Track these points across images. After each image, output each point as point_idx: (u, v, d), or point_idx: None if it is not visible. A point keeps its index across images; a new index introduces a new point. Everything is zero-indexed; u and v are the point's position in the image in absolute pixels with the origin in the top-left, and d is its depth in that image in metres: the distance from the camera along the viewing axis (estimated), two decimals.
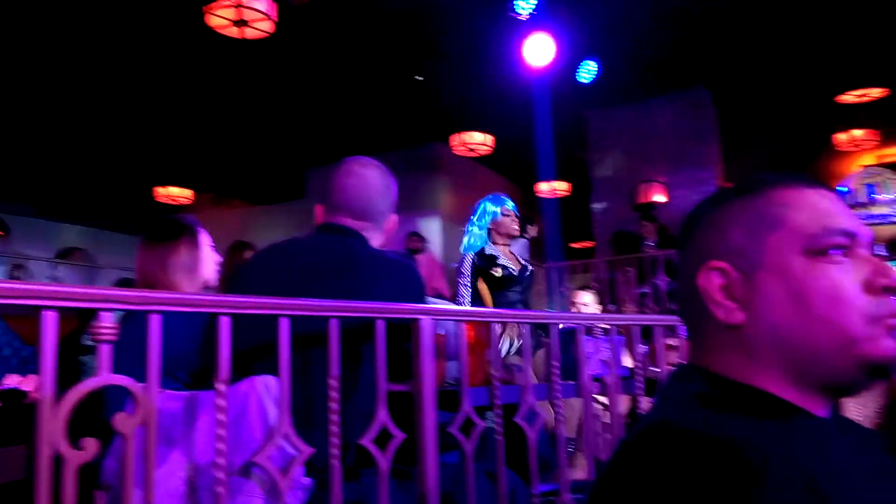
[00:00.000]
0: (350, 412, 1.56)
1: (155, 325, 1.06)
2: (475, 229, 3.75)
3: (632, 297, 6.30)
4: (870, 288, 0.66)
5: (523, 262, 3.77)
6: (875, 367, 0.65)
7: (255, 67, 6.18)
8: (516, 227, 3.76)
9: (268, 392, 1.29)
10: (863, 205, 4.87)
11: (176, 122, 7.38)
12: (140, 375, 1.04)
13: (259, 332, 1.40)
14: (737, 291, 0.68)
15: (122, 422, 1.00)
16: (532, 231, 7.41)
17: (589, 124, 7.86)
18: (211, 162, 8.69)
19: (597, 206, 7.67)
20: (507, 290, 3.65)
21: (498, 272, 3.65)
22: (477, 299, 3.65)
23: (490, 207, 3.75)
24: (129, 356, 1.15)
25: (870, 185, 4.86)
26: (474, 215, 3.78)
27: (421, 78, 6.63)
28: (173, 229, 1.95)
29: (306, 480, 1.30)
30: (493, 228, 3.71)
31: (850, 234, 0.67)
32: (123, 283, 5.25)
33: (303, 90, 6.79)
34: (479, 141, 7.38)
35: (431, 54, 6.16)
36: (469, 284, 3.66)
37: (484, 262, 3.66)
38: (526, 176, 8.77)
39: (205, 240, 2.00)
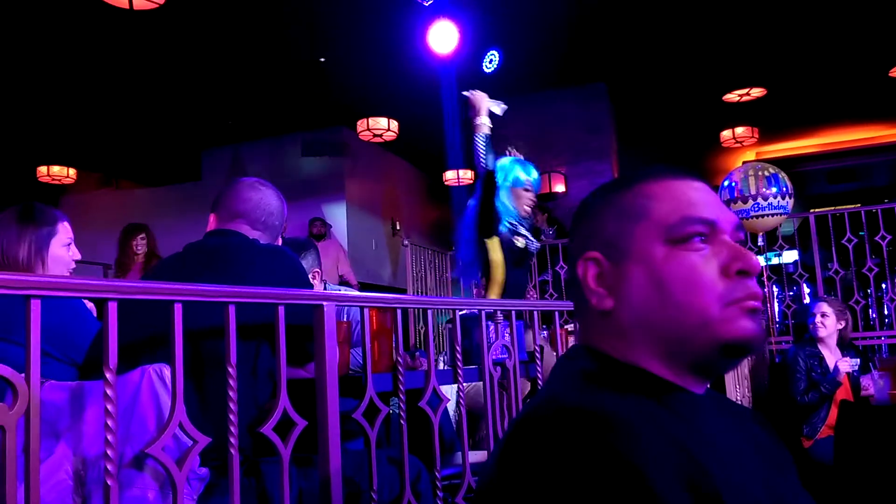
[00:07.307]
0: (249, 402, 1.53)
1: (35, 311, 1.00)
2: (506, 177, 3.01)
3: (533, 284, 6.50)
4: (726, 272, 0.69)
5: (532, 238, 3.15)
6: (730, 346, 0.68)
7: (145, 40, 5.84)
8: (529, 209, 3.15)
9: (161, 381, 1.24)
10: (744, 199, 5.21)
11: (61, 96, 6.87)
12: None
13: (152, 321, 1.35)
14: (608, 279, 0.73)
15: (1, 413, 0.94)
16: (545, 235, 6.68)
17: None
18: (98, 139, 8.16)
19: None
20: (516, 266, 2.98)
21: (521, 242, 3.00)
22: (486, 264, 2.93)
23: (518, 172, 3.16)
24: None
25: (738, 181, 5.23)
26: (487, 156, 3.09)
27: (323, 59, 6.48)
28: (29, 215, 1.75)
29: (202, 471, 1.26)
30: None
31: (710, 223, 0.71)
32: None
33: (198, 66, 6.48)
34: (384, 127, 7.32)
35: (336, 37, 6.03)
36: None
37: (507, 224, 2.97)
38: (432, 163, 8.78)
39: (60, 239, 1.78)
